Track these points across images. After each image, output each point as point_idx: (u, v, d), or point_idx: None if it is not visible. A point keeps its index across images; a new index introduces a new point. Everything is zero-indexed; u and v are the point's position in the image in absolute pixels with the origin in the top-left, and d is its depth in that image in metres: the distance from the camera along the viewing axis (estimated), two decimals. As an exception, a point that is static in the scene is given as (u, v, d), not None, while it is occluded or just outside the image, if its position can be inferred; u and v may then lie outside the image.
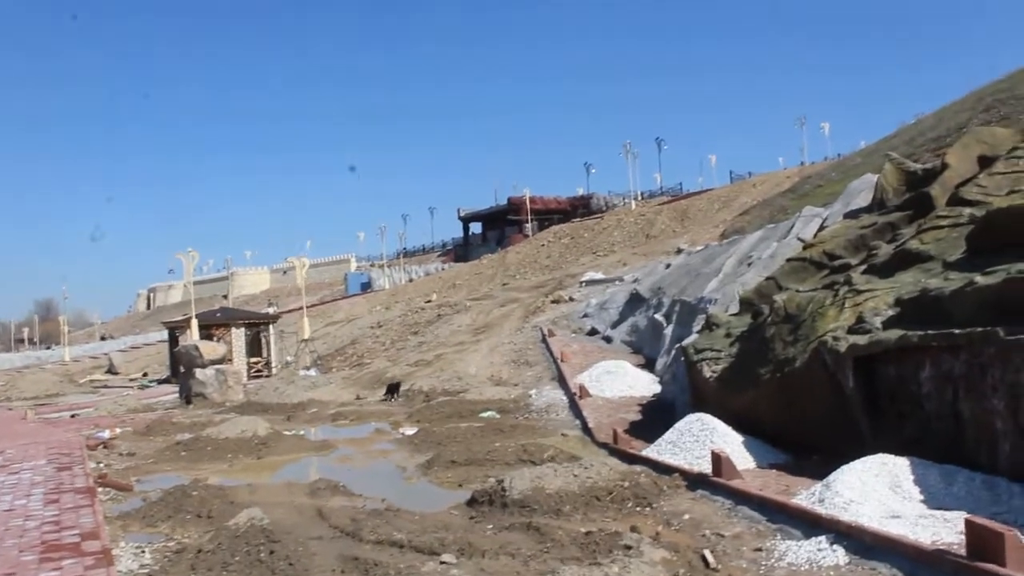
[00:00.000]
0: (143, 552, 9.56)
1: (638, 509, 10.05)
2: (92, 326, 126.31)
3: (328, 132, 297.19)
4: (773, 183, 64.23)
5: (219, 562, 8.47)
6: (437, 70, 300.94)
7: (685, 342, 16.32)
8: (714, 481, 10.41)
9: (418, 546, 8.51)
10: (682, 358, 17.17)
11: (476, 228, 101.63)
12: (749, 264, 21.02)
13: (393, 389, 25.68)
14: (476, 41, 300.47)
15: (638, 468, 11.33)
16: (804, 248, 16.71)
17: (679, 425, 13.26)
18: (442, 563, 7.70)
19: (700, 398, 14.62)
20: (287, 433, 18.43)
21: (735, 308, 17.15)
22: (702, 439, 12.37)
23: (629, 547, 7.64)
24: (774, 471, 11.02)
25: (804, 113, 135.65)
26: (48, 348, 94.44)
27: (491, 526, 9.66)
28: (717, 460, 10.56)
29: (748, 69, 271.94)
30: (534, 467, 11.55)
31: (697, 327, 17.71)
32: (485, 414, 19.63)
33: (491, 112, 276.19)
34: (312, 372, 35.07)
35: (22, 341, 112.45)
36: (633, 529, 8.73)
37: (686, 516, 9.46)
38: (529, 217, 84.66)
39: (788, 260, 16.66)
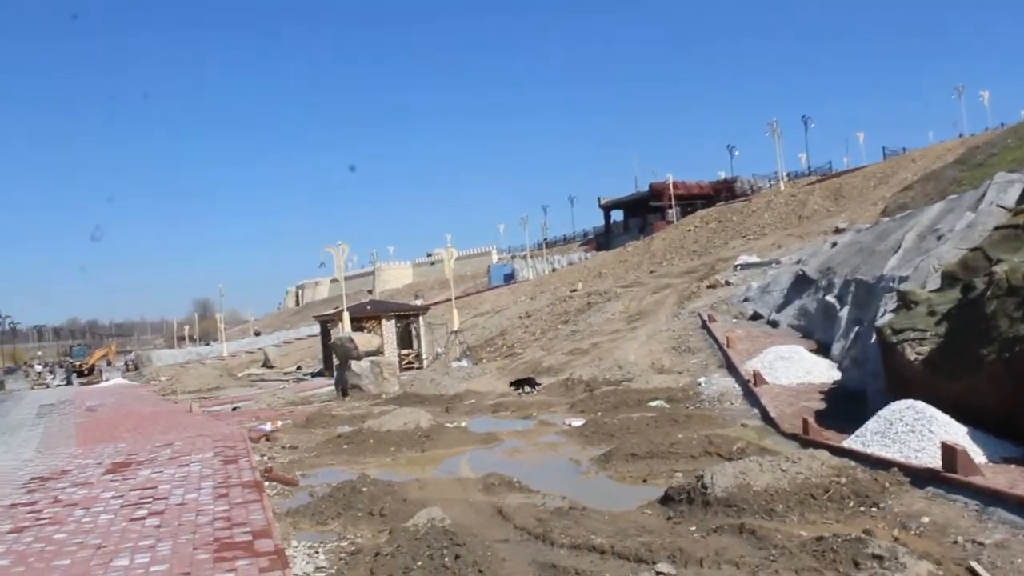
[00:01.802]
0: (316, 553, 8.93)
1: (862, 510, 8.82)
2: (246, 323, 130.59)
3: (466, 126, 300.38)
4: (933, 156, 60.66)
5: (400, 567, 7.71)
6: (576, 65, 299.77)
7: (880, 322, 14.81)
8: (949, 478, 9.06)
9: (621, 552, 7.54)
10: (871, 340, 15.74)
11: (617, 216, 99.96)
12: (938, 237, 19.19)
13: (522, 383, 24.93)
14: (617, 38, 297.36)
15: (852, 463, 10.07)
16: (1014, 215, 14.99)
17: (884, 414, 11.89)
18: (658, 573, 6.69)
19: (900, 384, 13.17)
20: (449, 425, 17.77)
21: (933, 284, 15.56)
22: (918, 429, 10.99)
23: (881, 557, 6.46)
24: (1012, 466, 9.59)
25: (944, 88, 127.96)
26: (207, 344, 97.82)
27: (694, 528, 8.63)
28: (951, 454, 9.20)
29: (891, 44, 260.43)
30: (732, 461, 10.41)
31: (890, 306, 16.13)
32: (654, 403, 18.59)
33: (630, 100, 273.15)
34: (464, 363, 34.61)
35: (183, 338, 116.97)
36: (867, 533, 7.54)
37: (925, 519, 8.19)
38: (672, 203, 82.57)
39: (996, 229, 14.95)
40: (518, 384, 24.91)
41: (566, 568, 7.21)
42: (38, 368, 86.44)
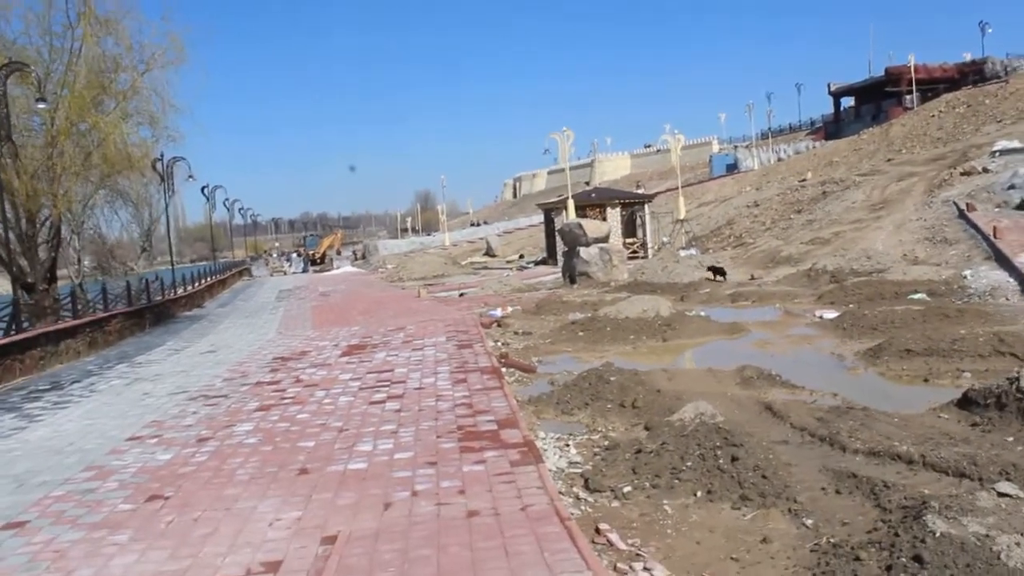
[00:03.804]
0: (567, 446, 8.18)
1: None
2: (465, 214, 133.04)
3: (685, 17, 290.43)
4: None
5: (667, 466, 6.81)
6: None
7: None
8: None
9: (936, 463, 6.32)
10: None
11: (847, 103, 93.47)
12: None
13: (717, 271, 24.73)
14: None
15: None
16: None
17: None
18: (1001, 495, 5.42)
19: None
20: (690, 314, 16.67)
21: None
22: None
23: None
24: None
25: None
26: (429, 234, 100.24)
27: (1012, 439, 7.25)
28: None
29: None
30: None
31: None
32: (915, 296, 16.82)
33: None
34: (692, 252, 33.24)
35: (405, 229, 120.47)
36: None
37: None
38: (913, 87, 76.19)
39: None
40: (715, 272, 24.78)
41: (870, 479, 6.07)
42: (276, 257, 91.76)
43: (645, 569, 5.10)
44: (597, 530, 5.71)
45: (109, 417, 10.80)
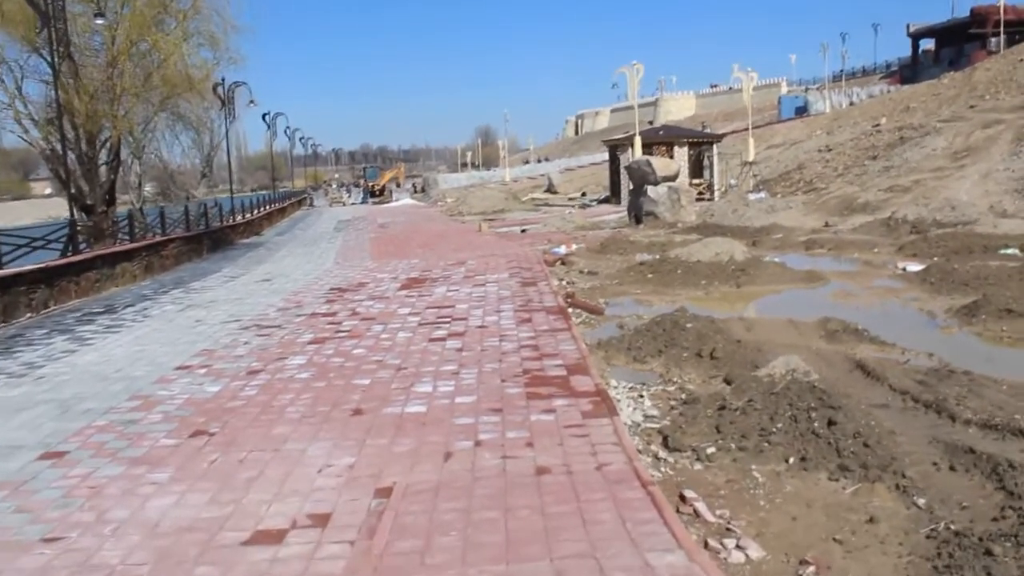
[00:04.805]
0: (641, 397, 7.56)
1: None
2: (526, 151, 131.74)
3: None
4: None
5: (754, 426, 6.18)
6: None
7: None
8: None
9: (1070, 442, 5.60)
10: None
11: (926, 46, 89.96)
12: None
13: None
14: None
15: None
16: None
17: None
18: None
19: None
20: (766, 260, 15.83)
21: None
22: None
23: None
24: None
25: None
26: (489, 169, 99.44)
27: None
28: None
29: None
30: None
31: None
32: (1007, 251, 15.79)
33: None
34: (762, 195, 32.09)
35: (465, 164, 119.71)
36: None
37: None
38: (1001, 29, 72.83)
39: None
40: None
41: (991, 456, 5.37)
42: (335, 187, 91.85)
43: (738, 547, 4.50)
44: (682, 497, 5.10)
45: (159, 344, 10.46)
